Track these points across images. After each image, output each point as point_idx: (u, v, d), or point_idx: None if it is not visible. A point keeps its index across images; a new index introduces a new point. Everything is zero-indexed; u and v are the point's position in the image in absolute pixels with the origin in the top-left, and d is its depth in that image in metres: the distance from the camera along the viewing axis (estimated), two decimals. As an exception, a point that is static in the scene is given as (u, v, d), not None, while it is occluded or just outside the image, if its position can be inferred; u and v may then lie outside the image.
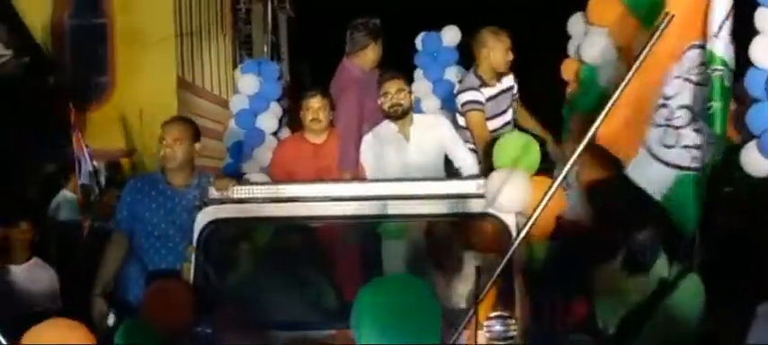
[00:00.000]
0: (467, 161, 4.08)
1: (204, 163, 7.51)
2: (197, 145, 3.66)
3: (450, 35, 6.47)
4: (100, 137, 10.68)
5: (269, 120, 6.34)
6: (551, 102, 4.48)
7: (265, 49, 12.55)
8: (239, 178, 3.77)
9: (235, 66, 12.85)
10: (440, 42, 6.50)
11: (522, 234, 2.42)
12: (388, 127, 4.07)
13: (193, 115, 11.59)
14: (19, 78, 8.95)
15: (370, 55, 4.31)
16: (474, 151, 4.15)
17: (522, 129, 4.40)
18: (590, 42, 4.02)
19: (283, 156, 4.21)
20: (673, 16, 2.21)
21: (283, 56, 13.05)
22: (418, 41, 6.59)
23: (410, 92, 4.08)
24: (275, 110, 6.45)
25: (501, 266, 2.36)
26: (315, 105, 4.10)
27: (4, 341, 2.00)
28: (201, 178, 3.62)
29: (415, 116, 4.17)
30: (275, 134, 6.31)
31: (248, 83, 6.49)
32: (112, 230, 3.70)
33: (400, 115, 4.02)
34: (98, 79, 11.67)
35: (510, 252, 2.38)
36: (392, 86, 4.00)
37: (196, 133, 3.69)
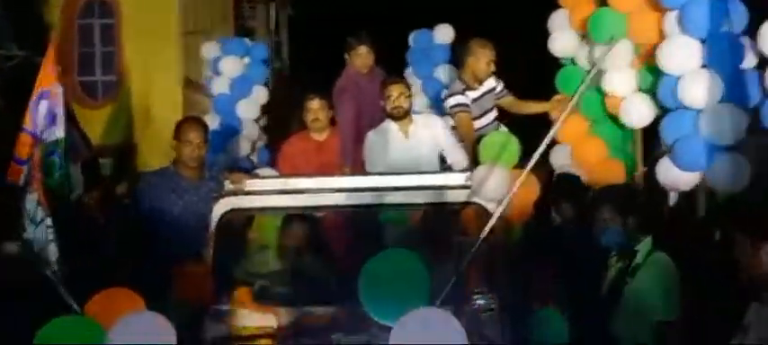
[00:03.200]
0: (458, 156, 4.51)
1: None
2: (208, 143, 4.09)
3: (443, 33, 6.62)
4: (106, 133, 11.13)
5: (251, 108, 6.18)
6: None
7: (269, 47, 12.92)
8: (251, 172, 4.19)
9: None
10: (431, 40, 6.67)
11: (496, 216, 2.82)
12: (389, 125, 4.52)
13: (198, 112, 12.01)
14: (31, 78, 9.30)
15: (354, 59, 4.80)
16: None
17: (527, 116, 5.02)
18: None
19: (289, 153, 4.67)
20: (602, 71, 2.72)
21: (284, 53, 13.44)
22: (411, 39, 6.78)
23: (410, 96, 4.52)
24: (260, 94, 6.28)
25: (478, 242, 2.76)
26: (314, 106, 4.58)
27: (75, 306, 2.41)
28: (210, 171, 4.02)
29: (414, 116, 4.62)
30: (257, 121, 6.26)
31: (232, 65, 6.24)
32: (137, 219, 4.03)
33: (402, 116, 4.44)
34: (105, 77, 12.09)
35: (486, 230, 2.77)
36: (394, 90, 4.45)
37: (208, 131, 4.13)
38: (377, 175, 3.94)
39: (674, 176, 4.61)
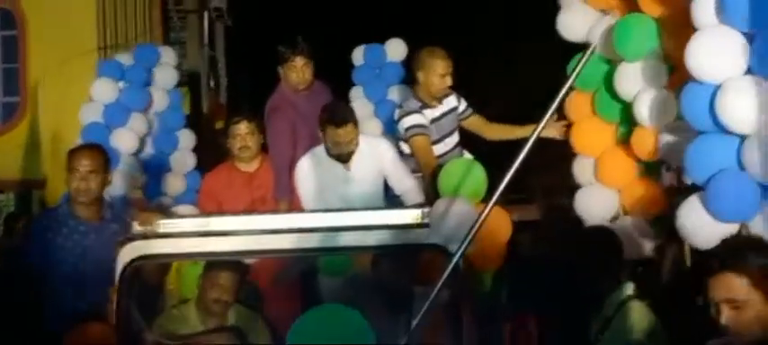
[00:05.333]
0: (409, 188, 4.33)
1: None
2: (108, 176, 3.87)
3: (395, 49, 6.49)
4: (8, 165, 10.77)
5: (127, 138, 6.14)
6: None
7: (202, 63, 12.72)
8: (163, 210, 3.97)
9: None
10: (384, 57, 6.53)
11: (457, 257, 2.66)
12: (326, 152, 4.28)
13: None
14: None
15: (289, 73, 4.49)
16: (421, 177, 4.42)
17: (497, 142, 4.77)
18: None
19: (213, 187, 4.44)
20: (595, 46, 2.51)
21: (221, 70, 13.23)
22: (357, 55, 6.60)
23: (357, 133, 4.22)
24: (137, 124, 6.29)
25: (436, 290, 2.60)
26: (242, 131, 4.35)
27: None
28: (113, 210, 3.83)
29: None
30: (136, 155, 6.21)
31: (104, 88, 6.27)
32: (26, 271, 3.79)
33: (348, 157, 4.20)
34: (7, 99, 11.74)
35: (442, 279, 2.63)
36: (342, 135, 4.11)
37: (108, 161, 3.89)
38: (317, 213, 3.76)
39: (704, 227, 3.52)
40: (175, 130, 6.73)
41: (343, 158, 4.23)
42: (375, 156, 4.34)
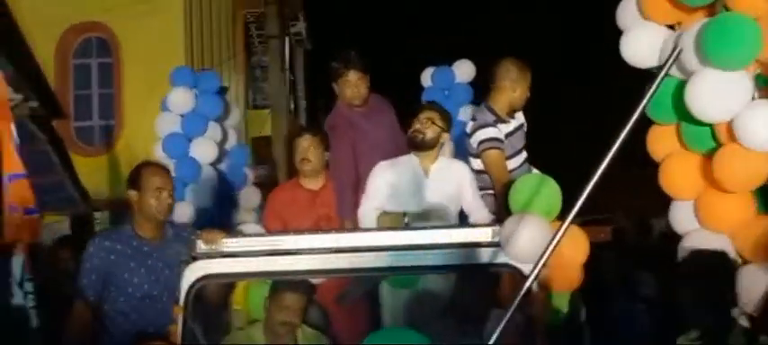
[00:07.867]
0: (485, 216, 3.98)
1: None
2: None
3: (464, 70, 6.31)
4: (104, 186, 10.95)
5: (206, 147, 5.81)
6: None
7: (284, 87, 12.74)
8: (228, 229, 3.80)
9: (248, 105, 12.94)
10: (452, 78, 6.34)
11: (530, 281, 2.38)
12: (409, 158, 4.04)
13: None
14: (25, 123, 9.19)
15: (344, 89, 4.24)
16: (492, 195, 4.11)
17: (568, 160, 4.38)
18: None
19: (277, 205, 4.23)
20: (681, 50, 2.16)
21: (300, 93, 13.23)
22: (426, 77, 6.41)
23: (441, 129, 4.01)
24: (214, 133, 5.94)
25: (508, 313, 2.33)
26: (303, 144, 4.12)
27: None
28: (174, 228, 3.67)
29: (440, 156, 4.12)
30: (214, 165, 5.85)
31: (180, 98, 5.80)
32: (75, 299, 3.60)
33: (419, 143, 3.97)
34: (103, 122, 12.00)
35: (517, 300, 2.35)
36: (422, 114, 3.99)
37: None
38: (384, 232, 3.51)
39: None
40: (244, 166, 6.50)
41: (415, 141, 3.96)
42: (454, 175, 4.05)
